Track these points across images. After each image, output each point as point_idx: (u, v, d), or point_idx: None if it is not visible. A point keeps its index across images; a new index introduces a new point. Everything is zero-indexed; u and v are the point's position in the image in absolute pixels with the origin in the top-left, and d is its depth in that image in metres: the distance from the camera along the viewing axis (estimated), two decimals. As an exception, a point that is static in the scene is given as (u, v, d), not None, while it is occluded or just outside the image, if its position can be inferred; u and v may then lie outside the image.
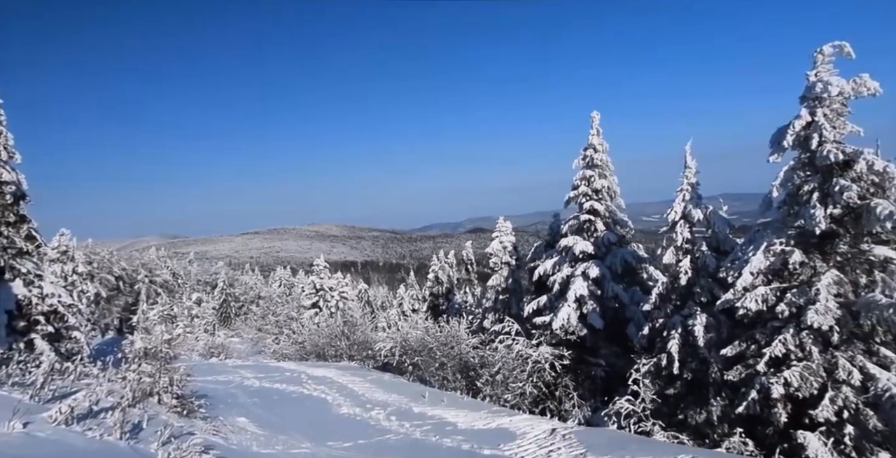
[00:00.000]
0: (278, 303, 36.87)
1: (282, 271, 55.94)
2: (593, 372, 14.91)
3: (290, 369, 16.38)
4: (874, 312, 8.76)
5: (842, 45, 9.51)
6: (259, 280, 53.49)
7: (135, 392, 6.92)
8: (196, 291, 42.29)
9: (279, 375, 15.06)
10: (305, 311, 31.41)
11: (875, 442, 8.76)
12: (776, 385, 9.24)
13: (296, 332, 23.53)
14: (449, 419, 10.27)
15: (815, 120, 9.64)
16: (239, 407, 10.91)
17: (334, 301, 31.71)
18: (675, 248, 12.56)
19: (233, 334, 35.59)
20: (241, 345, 30.84)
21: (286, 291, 45.29)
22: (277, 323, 31.20)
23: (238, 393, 12.53)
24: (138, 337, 8.01)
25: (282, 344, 24.27)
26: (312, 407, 11.45)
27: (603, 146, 15.90)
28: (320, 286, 32.02)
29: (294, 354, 22.18)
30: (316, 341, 20.79)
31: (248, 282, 49.96)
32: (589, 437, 8.53)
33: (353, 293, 39.61)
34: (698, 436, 11.15)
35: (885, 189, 9.20)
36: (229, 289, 45.18)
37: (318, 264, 32.95)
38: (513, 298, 20.57)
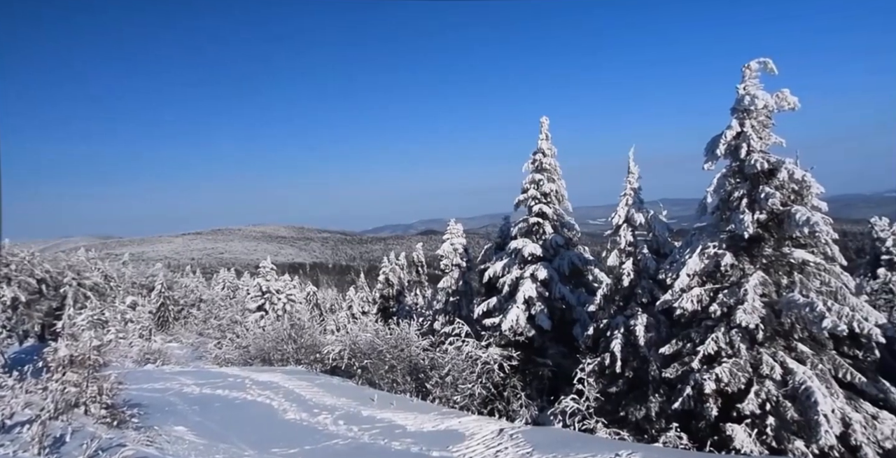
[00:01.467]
0: (221, 306, 35.44)
1: (226, 273, 53.82)
2: (541, 372, 15.22)
3: (233, 374, 15.77)
4: (793, 310, 9.43)
5: (766, 61, 10.21)
6: (201, 283, 51.25)
7: (57, 403, 6.44)
8: (131, 294, 39.95)
9: (221, 381, 14.47)
10: (250, 314, 30.37)
11: (792, 432, 9.41)
12: (708, 381, 9.76)
13: (240, 336, 22.72)
14: (398, 421, 10.20)
15: (744, 131, 10.31)
16: (177, 416, 10.40)
17: (281, 304, 30.85)
18: (619, 250, 13.04)
19: (171, 340, 33.92)
20: (181, 350, 29.43)
21: (230, 293, 43.62)
22: (220, 327, 30.01)
23: (176, 401, 11.94)
24: (63, 344, 7.47)
25: (225, 349, 23.36)
26: (257, 414, 11.07)
27: (552, 151, 16.31)
28: (267, 289, 31.06)
29: (238, 359, 21.39)
30: (261, 345, 20.14)
31: (189, 284, 47.76)
32: (535, 436, 8.70)
33: (301, 296, 38.68)
34: (638, 432, 11.60)
35: (804, 196, 9.95)
36: (168, 292, 42.99)
37: (264, 266, 31.96)
38: (463, 299, 20.71)
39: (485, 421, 10.24)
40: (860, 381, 9.52)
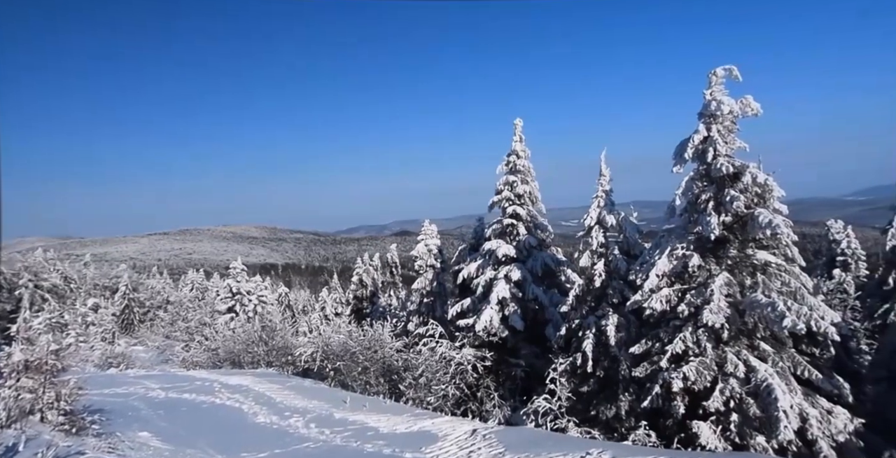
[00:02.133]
0: (189, 308, 34.53)
1: (194, 274, 52.47)
2: (513, 372, 15.34)
3: (201, 377, 15.38)
4: (756, 310, 9.75)
5: (731, 68, 10.55)
6: (168, 284, 49.85)
7: (10, 411, 6.15)
8: (93, 296, 38.57)
9: (189, 384, 14.09)
10: (220, 316, 29.68)
11: (754, 428, 9.73)
12: (676, 380, 9.99)
13: (209, 338, 22.18)
14: (371, 423, 10.12)
15: (711, 135, 10.62)
16: (141, 421, 10.07)
17: (252, 305, 30.25)
18: (591, 252, 13.25)
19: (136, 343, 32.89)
20: (146, 354, 28.55)
21: (199, 295, 42.55)
22: (188, 329, 29.24)
23: (140, 406, 11.57)
24: (17, 348, 7.14)
25: (193, 352, 22.76)
26: (225, 417, 10.82)
27: (525, 153, 16.46)
28: (237, 290, 30.43)
29: (206, 362, 20.87)
30: (231, 347, 19.71)
31: (156, 286, 46.41)
32: (508, 436, 8.75)
33: (273, 297, 38.00)
34: (608, 430, 11.80)
35: (766, 200, 10.30)
36: (133, 294, 41.69)
37: (234, 267, 31.30)
38: (437, 300, 20.70)
39: (458, 422, 10.25)
40: (817, 378, 9.90)
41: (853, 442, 9.60)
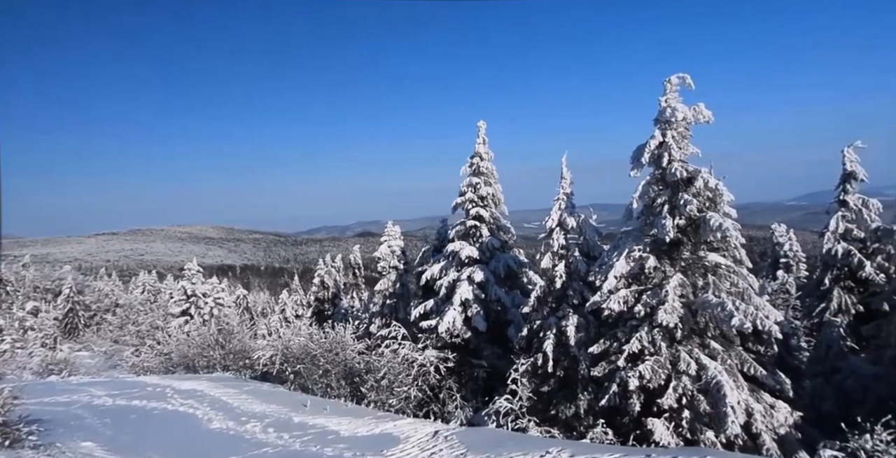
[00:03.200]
0: (140, 311, 33.07)
1: (146, 275, 50.31)
2: (476, 373, 15.43)
3: (152, 383, 14.76)
4: (707, 310, 10.17)
5: (684, 76, 10.98)
6: (117, 286, 47.65)
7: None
8: (32, 299, 36.40)
9: (139, 390, 13.50)
10: (174, 319, 28.58)
11: (704, 423, 10.12)
12: (632, 378, 10.29)
13: (161, 342, 21.30)
14: (331, 427, 9.96)
15: (666, 141, 11.02)
16: (84, 430, 9.57)
17: (208, 308, 29.27)
18: (552, 253, 13.49)
19: (81, 348, 31.26)
20: (92, 359, 27.17)
21: (151, 297, 40.80)
22: (139, 333, 28.01)
23: (84, 414, 11.00)
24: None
25: (143, 356, 21.81)
26: (178, 424, 10.42)
27: (489, 155, 16.62)
28: (192, 292, 29.37)
29: (158, 367, 20.05)
30: (185, 351, 19.00)
31: (104, 288, 44.25)
32: (469, 437, 8.79)
33: (231, 299, 36.90)
34: (568, 429, 12.03)
35: (717, 204, 10.76)
36: (78, 296, 39.61)
37: (189, 268, 30.21)
38: (400, 302, 20.61)
39: (420, 424, 10.22)
40: (761, 374, 10.41)
41: (793, 434, 10.13)
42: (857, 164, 16.37)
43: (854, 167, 16.34)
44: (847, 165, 16.40)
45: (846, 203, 16.47)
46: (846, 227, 16.42)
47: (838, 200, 16.68)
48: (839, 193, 16.68)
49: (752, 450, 9.76)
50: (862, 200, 16.32)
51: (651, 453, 7.19)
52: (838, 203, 16.66)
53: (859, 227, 16.33)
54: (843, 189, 16.57)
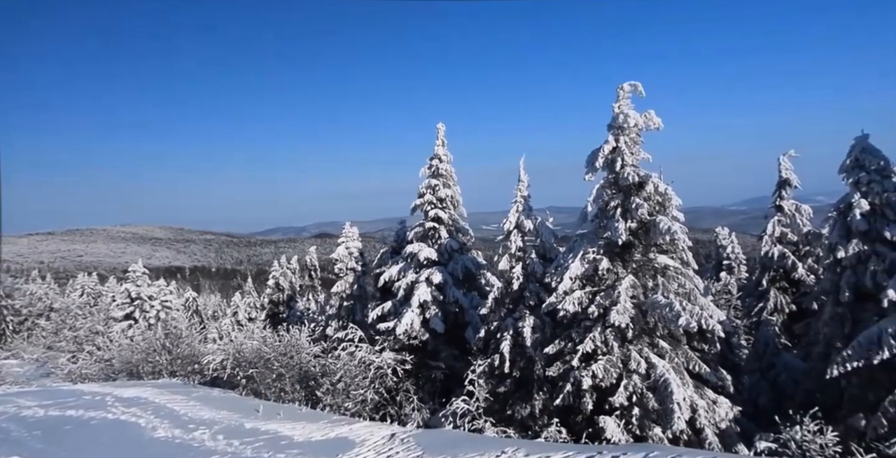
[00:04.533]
0: (79, 315, 31.24)
1: (85, 278, 47.52)
2: (433, 375, 15.43)
3: (90, 391, 13.94)
4: (657, 310, 10.57)
5: (636, 84, 11.40)
6: (52, 289, 44.78)
7: None
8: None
9: (75, 400, 12.72)
10: (116, 323, 27.17)
11: (652, 420, 10.52)
12: (586, 378, 10.57)
13: (101, 348, 20.20)
14: (285, 432, 9.71)
15: (619, 146, 11.39)
16: (10, 444, 8.93)
17: (154, 311, 28.00)
18: (510, 255, 13.67)
19: (9, 356, 29.22)
20: (21, 368, 25.43)
21: (90, 301, 38.61)
22: (76, 339, 26.47)
23: (10, 427, 10.26)
24: None
25: (81, 363, 20.60)
26: (118, 434, 9.88)
27: (447, 157, 16.69)
28: (137, 295, 28.02)
29: (98, 374, 19.00)
30: (128, 357, 18.09)
31: (36, 292, 41.52)
32: (426, 439, 8.78)
33: (179, 302, 35.37)
34: (523, 429, 12.20)
35: (666, 208, 11.22)
36: (6, 300, 37.00)
37: (134, 270, 28.81)
38: (358, 304, 20.37)
39: (376, 427, 10.12)
40: (705, 371, 10.91)
41: (732, 428, 10.67)
42: (791, 171, 17.46)
43: (788, 175, 17.41)
44: (782, 173, 17.46)
45: (782, 208, 17.53)
46: (781, 231, 17.47)
47: (775, 205, 17.73)
48: (775, 199, 17.74)
49: (696, 444, 10.21)
50: (795, 206, 17.41)
51: (602, 450, 7.39)
52: (775, 208, 17.71)
53: (793, 231, 17.41)
54: (779, 195, 17.64)
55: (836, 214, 11.92)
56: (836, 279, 11.98)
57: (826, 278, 12.87)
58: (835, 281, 12.06)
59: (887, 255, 10.96)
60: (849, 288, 11.55)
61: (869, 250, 11.33)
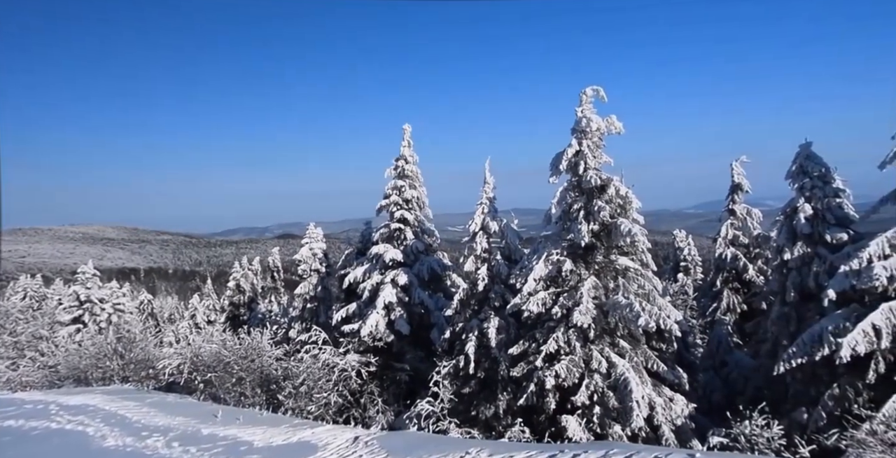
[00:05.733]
0: (20, 319, 29.45)
1: (27, 279, 44.90)
2: (398, 377, 15.35)
3: (32, 400, 13.20)
4: (617, 311, 10.85)
5: (598, 89, 11.70)
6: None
7: None
8: None
9: (14, 409, 12.02)
10: (63, 328, 25.86)
11: (612, 418, 10.78)
12: (549, 377, 10.74)
13: (46, 354, 19.17)
14: (244, 437, 9.46)
15: (582, 149, 11.65)
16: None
17: (106, 315, 26.79)
18: (475, 257, 13.75)
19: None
20: (-48, 377, 23.76)
21: (34, 304, 36.50)
22: (17, 345, 24.97)
23: (-57, 440, 9.61)
24: None
25: (22, 370, 19.47)
26: (63, 444, 9.40)
27: (413, 158, 16.66)
28: (86, 298, 26.75)
29: (41, 381, 18.02)
30: (75, 363, 17.24)
31: (-28, 295, 38.97)
32: (390, 441, 8.73)
33: (133, 305, 33.96)
34: (487, 429, 12.29)
35: (627, 210, 11.54)
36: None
37: (84, 272, 27.49)
38: (321, 306, 20.07)
39: (339, 430, 9.99)
40: (663, 370, 11.26)
41: (688, 425, 11.06)
42: (744, 176, 18.27)
43: (741, 179, 18.21)
44: (735, 178, 18.24)
45: (734, 212, 18.32)
46: (734, 233, 18.25)
47: (728, 209, 18.51)
48: (728, 203, 18.52)
49: (654, 441, 10.52)
50: (747, 210, 18.23)
51: (564, 448, 7.53)
52: (728, 212, 18.49)
53: (745, 234, 18.21)
54: (732, 199, 18.42)
55: (783, 217, 12.54)
56: (783, 280, 12.58)
57: (774, 279, 13.51)
58: (782, 282, 12.66)
59: (828, 257, 11.59)
60: (794, 288, 12.16)
61: (812, 252, 11.96)
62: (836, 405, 9.74)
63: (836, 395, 9.82)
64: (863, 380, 9.44)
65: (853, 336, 9.20)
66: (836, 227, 11.76)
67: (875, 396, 9.31)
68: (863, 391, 9.55)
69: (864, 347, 9.17)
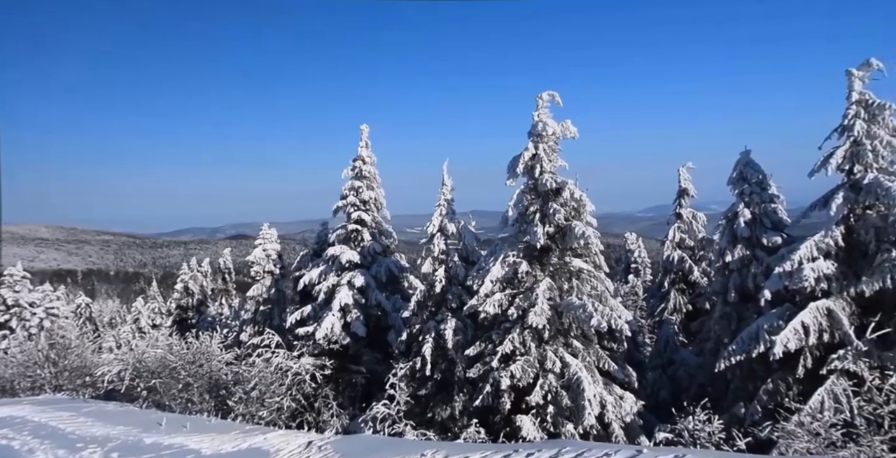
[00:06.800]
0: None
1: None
2: (354, 380, 15.15)
3: (-48, 413, 12.21)
4: (571, 311, 11.11)
5: (553, 94, 11.97)
6: None
7: None
8: None
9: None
10: (-12, 334, 24.05)
11: (565, 417, 11.01)
12: (504, 378, 10.86)
13: (-32, 363, 17.78)
14: (191, 445, 9.09)
15: (538, 153, 11.89)
16: None
17: (36, 320, 25.14)
18: (433, 258, 13.76)
19: None
20: None
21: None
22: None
23: None
24: None
25: (-60, 381, 18.00)
26: (-14, 460, 8.75)
27: (371, 159, 16.52)
28: (14, 302, 25.02)
29: (-40, 392, 16.71)
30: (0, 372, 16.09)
31: None
32: (344, 445, 8.61)
33: (68, 309, 32.04)
34: (443, 431, 12.30)
35: (581, 213, 11.84)
36: None
37: (12, 273, 25.72)
38: (275, 308, 19.57)
39: (292, 435, 9.76)
40: (614, 369, 11.61)
41: (636, 422, 11.43)
42: (690, 182, 19.14)
43: (687, 185, 19.07)
44: (682, 183, 19.09)
45: (681, 216, 19.16)
46: (681, 237, 19.08)
47: (675, 213, 19.34)
48: (676, 207, 19.36)
49: (604, 438, 10.83)
50: (692, 214, 19.10)
51: (518, 448, 7.64)
52: (675, 216, 19.32)
53: (690, 237, 19.07)
54: (679, 203, 19.27)
55: (725, 221, 13.21)
56: (725, 281, 13.25)
57: (717, 280, 14.20)
58: (723, 283, 13.33)
59: (764, 259, 12.29)
60: (735, 289, 12.82)
61: (750, 254, 12.65)
62: (770, 399, 10.31)
63: (770, 389, 10.40)
64: (793, 375, 10.04)
65: (785, 334, 9.78)
66: (772, 231, 12.48)
67: (803, 389, 9.91)
68: (793, 386, 10.14)
69: (794, 344, 9.76)
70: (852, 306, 9.92)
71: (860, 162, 10.22)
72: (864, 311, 9.87)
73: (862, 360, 9.28)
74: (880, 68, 10.18)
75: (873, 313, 9.61)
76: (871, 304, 9.77)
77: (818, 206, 10.78)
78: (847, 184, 10.39)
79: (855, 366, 9.28)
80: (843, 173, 10.50)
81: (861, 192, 10.05)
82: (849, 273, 10.09)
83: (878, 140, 10.07)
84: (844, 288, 9.95)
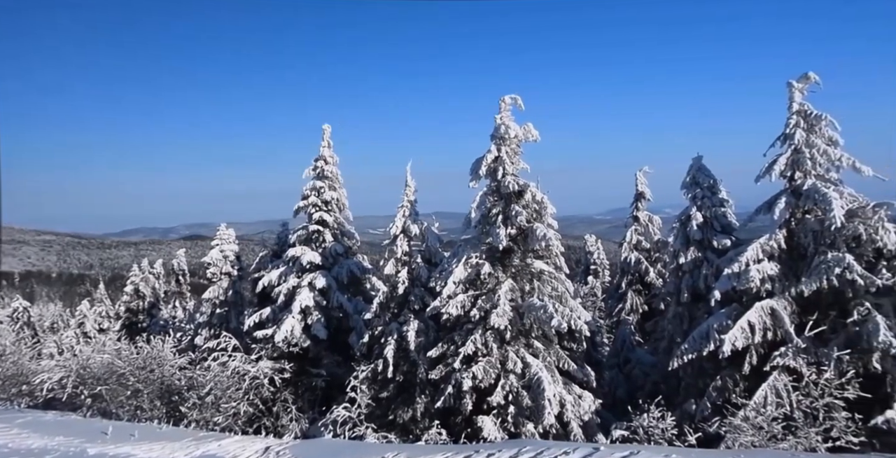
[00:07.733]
0: None
1: None
2: (314, 383, 14.86)
3: None
4: (533, 312, 11.27)
5: (516, 97, 12.16)
6: None
7: None
8: None
9: None
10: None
11: (526, 417, 11.15)
12: (466, 379, 10.91)
13: None
14: (140, 455, 8.71)
15: (501, 155, 12.03)
16: None
17: (-30, 325, 23.44)
18: (396, 260, 13.68)
19: None
20: None
21: None
22: None
23: None
24: None
25: None
26: None
27: (333, 159, 16.29)
28: (-54, 305, 23.24)
29: None
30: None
31: None
32: (303, 450, 8.44)
33: (4, 314, 30.11)
34: (405, 433, 12.22)
35: (543, 216, 12.04)
36: None
37: (-56, 274, 23.91)
38: (233, 311, 18.98)
39: (249, 441, 9.50)
40: (573, 368, 11.85)
41: (594, 420, 11.71)
42: (646, 186, 19.77)
43: (643, 188, 19.69)
44: (638, 187, 19.70)
45: (638, 219, 19.75)
46: (638, 239, 19.67)
47: (632, 216, 19.93)
48: (633, 210, 19.95)
49: (563, 437, 11.02)
50: (648, 217, 19.72)
51: (479, 448, 7.68)
52: (632, 218, 19.90)
53: (647, 239, 19.68)
54: (636, 207, 19.86)
55: (679, 224, 13.71)
56: (678, 282, 13.74)
57: (671, 281, 14.71)
58: (677, 284, 13.82)
59: (715, 261, 12.83)
60: (687, 290, 13.32)
61: (702, 256, 13.18)
62: (719, 395, 10.76)
63: (719, 386, 10.85)
64: (740, 372, 10.51)
65: (733, 333, 10.24)
66: (722, 234, 13.05)
67: (749, 385, 10.39)
68: (740, 382, 10.62)
69: (741, 342, 10.23)
70: (793, 305, 10.48)
71: (800, 169, 10.83)
72: (803, 310, 10.44)
73: (801, 356, 9.81)
74: (817, 82, 10.83)
75: (811, 312, 10.19)
76: (809, 303, 10.35)
77: (763, 210, 11.35)
78: (789, 190, 10.98)
79: (795, 362, 9.80)
80: (786, 179, 11.10)
81: (801, 197, 10.65)
82: (790, 274, 10.65)
83: (816, 149, 10.70)
84: (786, 288, 10.50)
